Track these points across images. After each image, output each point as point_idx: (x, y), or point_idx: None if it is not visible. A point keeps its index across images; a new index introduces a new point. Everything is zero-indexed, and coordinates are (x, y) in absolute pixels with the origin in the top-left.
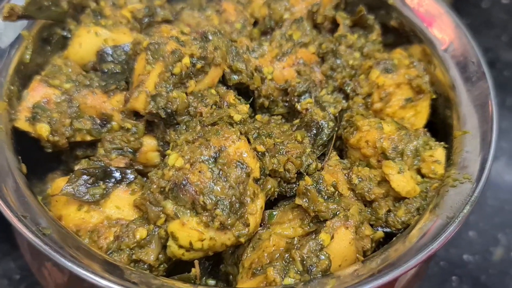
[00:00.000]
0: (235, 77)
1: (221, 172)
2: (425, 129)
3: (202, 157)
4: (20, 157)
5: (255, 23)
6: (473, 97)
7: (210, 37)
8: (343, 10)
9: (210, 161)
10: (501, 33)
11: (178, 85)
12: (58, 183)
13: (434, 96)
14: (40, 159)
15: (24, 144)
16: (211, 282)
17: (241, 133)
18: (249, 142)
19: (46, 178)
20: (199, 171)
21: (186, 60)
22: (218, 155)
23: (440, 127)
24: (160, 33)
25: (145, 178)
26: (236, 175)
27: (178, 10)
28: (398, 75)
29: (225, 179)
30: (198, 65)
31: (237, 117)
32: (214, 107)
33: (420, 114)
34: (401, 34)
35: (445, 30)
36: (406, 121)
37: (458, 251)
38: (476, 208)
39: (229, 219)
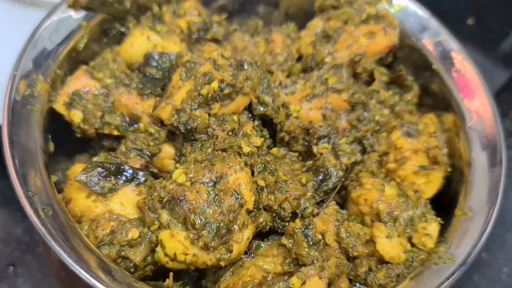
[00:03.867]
0: (261, 108)
1: (216, 197)
2: (427, 201)
3: (203, 178)
4: (49, 136)
5: (300, 58)
6: (486, 180)
7: (246, 67)
8: (389, 64)
9: (209, 184)
10: None
11: (203, 105)
12: (76, 168)
13: (449, 170)
14: (72, 139)
15: (59, 124)
16: None
17: (246, 165)
18: (253, 174)
19: (74, 157)
20: (197, 191)
21: (215, 85)
22: (218, 181)
23: (448, 199)
24: (202, 52)
25: None
26: (230, 203)
27: (231, 31)
28: (418, 141)
29: (218, 204)
30: (226, 91)
31: (246, 149)
32: (230, 133)
33: (431, 184)
34: (440, 99)
35: (478, 109)
36: (416, 187)
37: None
38: None
39: (213, 242)
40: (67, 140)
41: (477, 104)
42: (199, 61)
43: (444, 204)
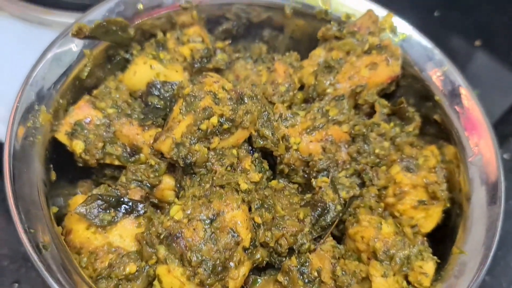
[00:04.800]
0: (261, 141)
1: (213, 235)
2: (424, 238)
3: (200, 215)
4: (51, 166)
5: (303, 86)
6: (484, 218)
7: (246, 100)
8: (392, 92)
9: (206, 222)
10: None
11: (202, 139)
12: (77, 200)
13: (448, 205)
14: (75, 166)
15: (62, 151)
16: None
17: (243, 201)
18: (250, 210)
19: (77, 183)
20: (194, 229)
21: (214, 120)
22: (215, 218)
23: (448, 232)
24: (203, 84)
25: (158, 210)
26: (226, 241)
27: (234, 59)
28: (417, 176)
29: (214, 242)
30: (225, 126)
31: (243, 186)
32: (229, 168)
33: (430, 218)
34: (442, 130)
35: (479, 144)
36: (415, 221)
37: None
38: None
39: (209, 279)
40: (69, 167)
41: (479, 140)
42: (199, 95)
43: (443, 236)
